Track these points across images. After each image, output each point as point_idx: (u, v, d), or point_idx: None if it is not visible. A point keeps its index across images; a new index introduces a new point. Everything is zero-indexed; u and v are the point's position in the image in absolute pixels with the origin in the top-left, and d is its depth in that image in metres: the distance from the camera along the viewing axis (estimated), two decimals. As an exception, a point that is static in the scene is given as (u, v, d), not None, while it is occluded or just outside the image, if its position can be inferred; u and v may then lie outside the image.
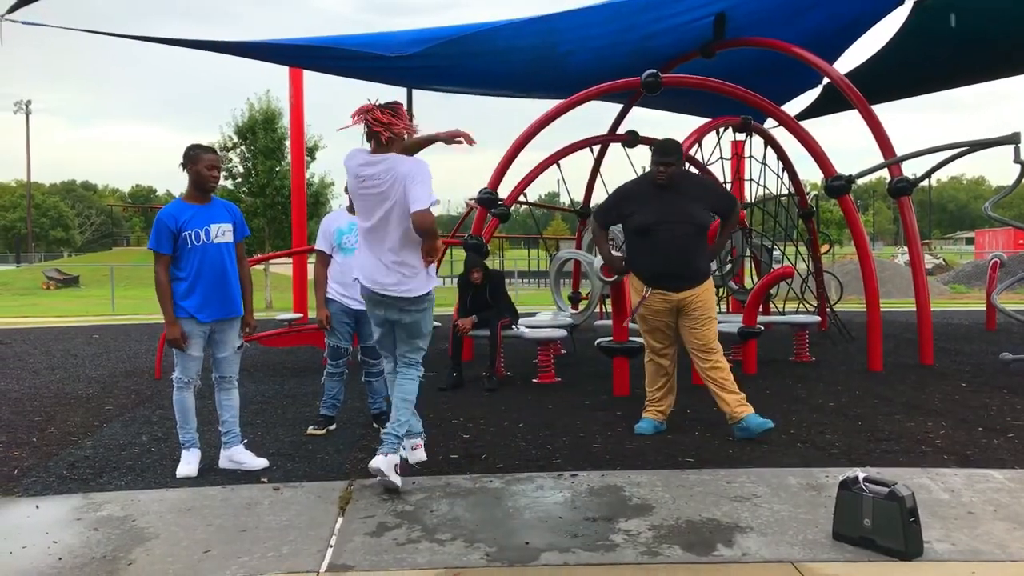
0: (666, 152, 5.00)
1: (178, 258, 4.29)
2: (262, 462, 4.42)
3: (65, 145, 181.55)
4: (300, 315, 9.21)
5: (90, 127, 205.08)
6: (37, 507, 3.82)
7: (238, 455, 4.42)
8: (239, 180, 22.92)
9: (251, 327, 4.60)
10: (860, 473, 3.28)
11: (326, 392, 5.18)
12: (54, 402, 6.48)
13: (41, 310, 19.95)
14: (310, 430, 5.14)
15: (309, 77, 10.37)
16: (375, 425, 5.14)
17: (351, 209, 5.02)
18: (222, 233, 4.38)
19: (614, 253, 5.49)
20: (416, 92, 13.92)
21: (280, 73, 10.16)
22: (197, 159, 4.32)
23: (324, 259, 5.18)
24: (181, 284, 4.28)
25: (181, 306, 4.27)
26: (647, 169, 5.30)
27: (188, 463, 4.31)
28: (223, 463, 4.41)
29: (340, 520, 3.57)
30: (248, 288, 4.58)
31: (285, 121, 21.24)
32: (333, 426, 5.22)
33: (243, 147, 22.82)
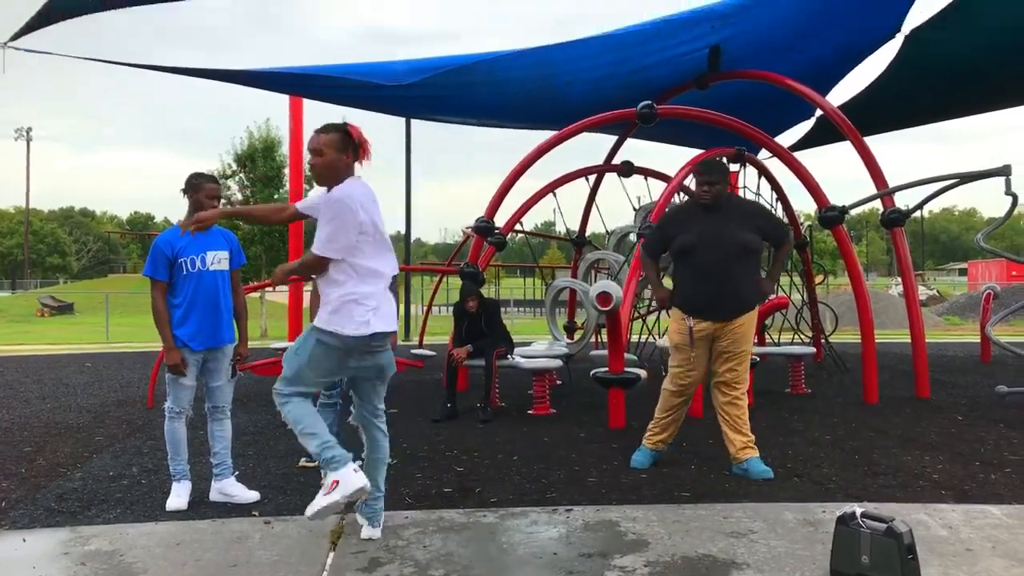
0: (710, 170, 4.75)
1: (173, 285, 4.28)
2: (253, 495, 4.36)
3: (65, 172, 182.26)
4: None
5: (91, 154, 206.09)
6: (24, 540, 3.75)
7: (229, 488, 4.37)
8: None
9: (243, 357, 4.58)
10: (857, 509, 3.25)
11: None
12: (44, 432, 6.42)
13: (34, 337, 19.85)
14: (302, 462, 5.09)
15: (309, 105, 10.43)
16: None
17: None
18: (218, 261, 4.37)
19: (657, 283, 5.22)
20: (414, 122, 14.02)
21: (280, 101, 10.22)
22: (199, 187, 4.34)
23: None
24: (176, 311, 4.27)
25: (175, 335, 4.25)
26: (641, 200, 5.30)
27: (178, 495, 4.26)
28: (214, 496, 4.36)
29: (332, 555, 3.52)
30: (243, 317, 4.57)
31: (284, 149, 21.37)
32: None
33: (242, 175, 22.91)
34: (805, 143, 12.38)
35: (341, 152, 3.48)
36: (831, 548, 3.26)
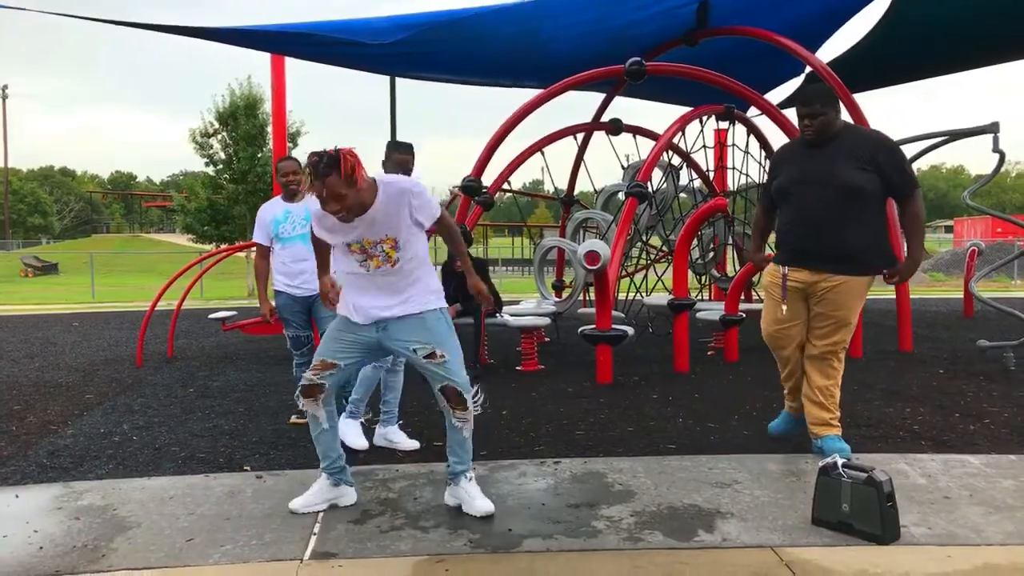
0: (809, 100, 3.98)
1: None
2: (414, 443, 4.54)
3: (42, 131, 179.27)
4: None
5: (68, 112, 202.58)
6: (17, 496, 3.79)
7: (392, 434, 4.61)
8: (220, 167, 22.73)
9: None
10: (839, 459, 3.32)
11: (299, 382, 5.11)
12: (33, 390, 6.43)
13: (20, 297, 19.73)
14: (293, 419, 5.13)
15: (292, 63, 10.28)
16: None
17: (288, 197, 5.04)
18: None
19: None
20: (399, 80, 13.83)
21: (262, 59, 10.08)
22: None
23: (263, 251, 5.10)
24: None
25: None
26: (630, 158, 5.10)
27: (358, 435, 4.56)
28: (378, 440, 4.59)
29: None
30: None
31: (267, 107, 21.09)
32: None
33: (224, 133, 22.61)
34: (794, 100, 12.34)
35: (352, 185, 3.17)
36: (813, 497, 3.34)
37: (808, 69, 10.48)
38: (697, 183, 10.30)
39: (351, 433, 4.53)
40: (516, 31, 8.56)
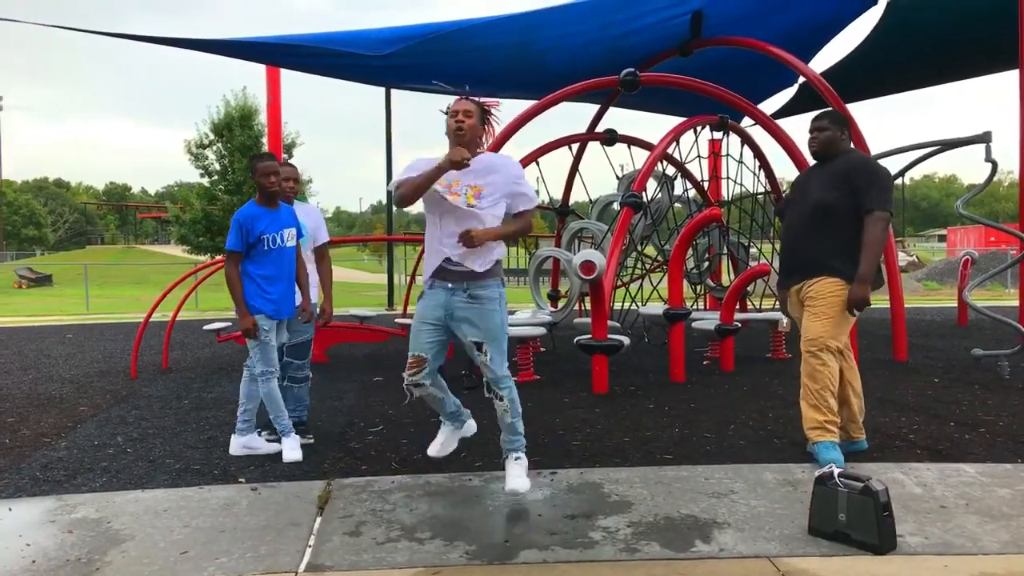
0: (818, 116, 4.30)
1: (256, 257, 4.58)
2: (275, 447, 4.63)
3: (37, 142, 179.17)
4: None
5: (63, 124, 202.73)
6: (10, 509, 3.76)
7: (252, 441, 4.71)
8: (215, 178, 22.73)
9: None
10: (836, 468, 3.32)
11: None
12: (27, 403, 6.40)
13: (13, 309, 19.66)
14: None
15: (287, 74, 10.31)
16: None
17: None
18: (291, 237, 4.67)
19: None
20: (394, 92, 13.88)
21: (257, 70, 10.09)
22: (254, 169, 4.65)
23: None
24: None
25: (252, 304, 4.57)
26: (624, 168, 5.17)
27: (292, 449, 4.53)
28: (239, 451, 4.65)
29: (319, 520, 3.56)
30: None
31: (262, 118, 21.10)
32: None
33: (219, 144, 22.62)
34: (788, 110, 12.40)
35: (481, 123, 3.70)
36: (810, 507, 3.34)
37: (801, 79, 10.56)
38: (692, 193, 10.33)
39: (288, 447, 4.57)
40: (511, 42, 8.60)
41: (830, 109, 4.50)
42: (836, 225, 4.10)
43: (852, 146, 4.45)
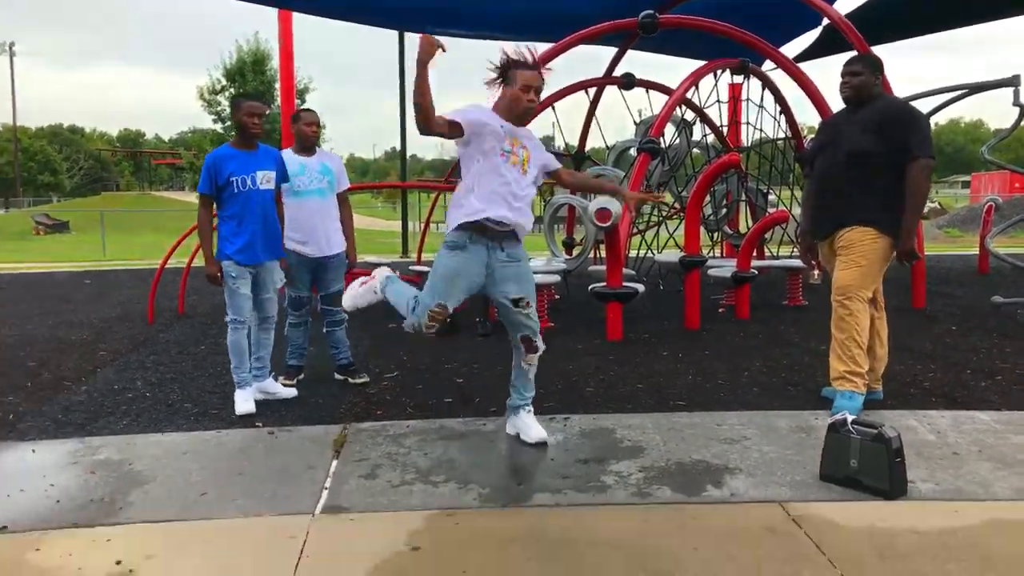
0: (851, 61, 4.17)
1: (223, 201, 4.49)
2: (291, 391, 4.72)
3: (50, 88, 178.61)
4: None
5: (76, 69, 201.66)
6: (33, 451, 3.84)
7: (269, 386, 4.70)
8: (229, 124, 22.61)
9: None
10: (848, 415, 3.32)
11: (291, 343, 5.08)
12: (47, 347, 6.49)
13: (32, 255, 19.84)
14: (281, 380, 4.96)
15: (299, 19, 10.15)
16: (340, 376, 5.08)
17: (302, 150, 4.90)
18: (266, 180, 4.52)
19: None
20: (408, 36, 13.66)
21: (269, 14, 9.94)
22: (238, 107, 4.53)
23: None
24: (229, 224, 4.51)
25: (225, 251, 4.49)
26: (642, 113, 5.08)
27: (245, 400, 4.47)
28: (256, 395, 4.59)
29: (335, 463, 3.61)
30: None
31: (275, 63, 20.88)
32: (302, 376, 5.08)
33: (232, 90, 22.46)
34: (810, 54, 12.09)
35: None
36: (822, 453, 3.35)
37: (825, 21, 10.27)
38: (710, 139, 10.17)
39: (275, 386, 4.72)
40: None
41: (864, 53, 4.37)
42: (871, 173, 4.03)
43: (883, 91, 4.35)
